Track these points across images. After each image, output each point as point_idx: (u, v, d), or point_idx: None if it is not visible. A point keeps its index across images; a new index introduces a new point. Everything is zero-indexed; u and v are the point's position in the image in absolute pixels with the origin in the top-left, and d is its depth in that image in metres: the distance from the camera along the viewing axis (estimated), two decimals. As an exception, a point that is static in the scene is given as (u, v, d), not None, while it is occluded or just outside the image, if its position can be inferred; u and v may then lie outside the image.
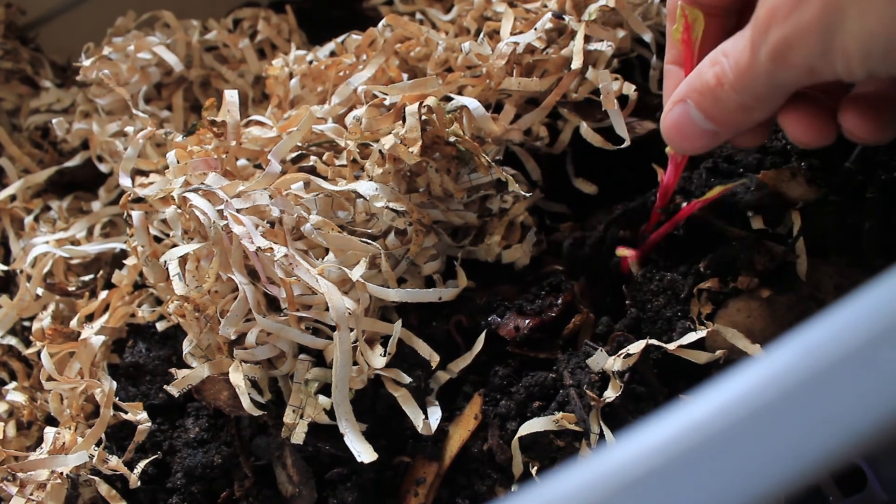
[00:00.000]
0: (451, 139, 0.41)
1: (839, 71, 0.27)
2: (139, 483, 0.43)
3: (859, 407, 0.18)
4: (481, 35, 0.49)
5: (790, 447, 0.19)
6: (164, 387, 0.41)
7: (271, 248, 0.35)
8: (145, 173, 0.52)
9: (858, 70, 0.26)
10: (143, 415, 0.45)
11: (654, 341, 0.39)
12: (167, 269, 0.40)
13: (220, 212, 0.36)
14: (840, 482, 0.48)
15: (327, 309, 0.39)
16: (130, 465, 0.44)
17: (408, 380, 0.40)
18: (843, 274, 0.43)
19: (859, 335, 0.19)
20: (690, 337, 0.39)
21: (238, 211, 0.37)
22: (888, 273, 0.20)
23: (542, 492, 0.20)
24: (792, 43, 0.27)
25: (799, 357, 0.19)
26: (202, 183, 0.38)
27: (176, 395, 0.40)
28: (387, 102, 0.46)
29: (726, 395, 0.19)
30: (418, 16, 0.59)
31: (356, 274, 0.37)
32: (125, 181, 0.46)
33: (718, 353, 0.39)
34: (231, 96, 0.43)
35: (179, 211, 0.40)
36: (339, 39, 0.55)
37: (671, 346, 0.38)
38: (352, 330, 0.37)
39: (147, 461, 0.44)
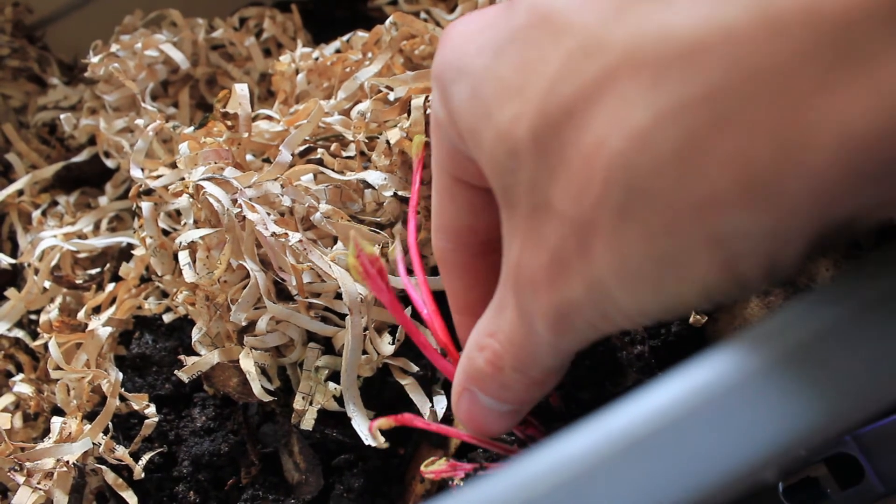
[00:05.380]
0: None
1: (625, 326, 0.23)
2: (143, 474, 0.44)
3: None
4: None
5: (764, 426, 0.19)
6: (175, 372, 0.41)
7: (286, 234, 0.36)
8: (152, 170, 0.53)
9: (645, 322, 0.22)
10: (152, 409, 0.45)
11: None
12: (179, 254, 0.41)
13: (234, 200, 0.37)
14: (837, 475, 0.49)
15: (336, 297, 0.40)
16: (137, 456, 0.45)
17: (415, 369, 0.41)
18: (838, 266, 0.44)
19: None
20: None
21: (250, 200, 0.38)
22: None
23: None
24: (568, 311, 0.22)
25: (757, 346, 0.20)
26: (215, 173, 0.39)
27: (186, 380, 0.41)
28: (391, 97, 0.47)
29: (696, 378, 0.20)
30: (423, 15, 0.60)
31: (367, 260, 0.37)
32: (136, 172, 0.47)
33: None
34: (242, 89, 0.44)
35: (192, 200, 0.41)
36: (345, 38, 0.56)
37: None
38: (362, 317, 0.38)
39: (153, 453, 0.44)
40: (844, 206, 0.18)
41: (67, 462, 0.43)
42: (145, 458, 0.44)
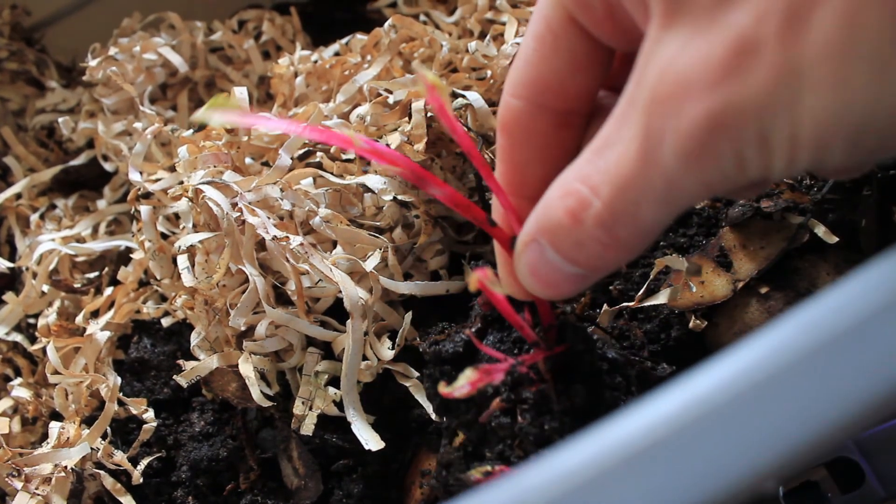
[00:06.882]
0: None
1: (776, 164, 0.19)
2: (142, 479, 0.43)
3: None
4: (487, 37, 0.50)
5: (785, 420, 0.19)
6: (175, 377, 0.41)
7: (287, 238, 0.35)
8: (150, 173, 0.53)
9: (804, 159, 0.19)
10: (150, 413, 0.45)
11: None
12: (178, 258, 0.41)
13: (234, 204, 0.37)
14: (838, 478, 0.49)
15: (336, 301, 0.39)
16: (136, 460, 0.45)
17: (416, 374, 0.41)
18: (840, 270, 0.44)
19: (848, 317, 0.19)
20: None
21: (250, 203, 0.38)
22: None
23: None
24: (726, 120, 0.18)
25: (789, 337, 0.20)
26: (214, 176, 0.39)
27: (185, 385, 0.40)
28: (391, 100, 0.47)
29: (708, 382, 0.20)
30: (422, 18, 0.60)
31: (370, 265, 0.37)
32: (135, 176, 0.47)
33: None
34: (241, 92, 0.44)
35: (191, 204, 0.41)
36: (344, 41, 0.56)
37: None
38: (364, 321, 0.37)
39: (151, 458, 0.44)
40: None
41: (66, 467, 0.43)
42: (144, 462, 0.44)
